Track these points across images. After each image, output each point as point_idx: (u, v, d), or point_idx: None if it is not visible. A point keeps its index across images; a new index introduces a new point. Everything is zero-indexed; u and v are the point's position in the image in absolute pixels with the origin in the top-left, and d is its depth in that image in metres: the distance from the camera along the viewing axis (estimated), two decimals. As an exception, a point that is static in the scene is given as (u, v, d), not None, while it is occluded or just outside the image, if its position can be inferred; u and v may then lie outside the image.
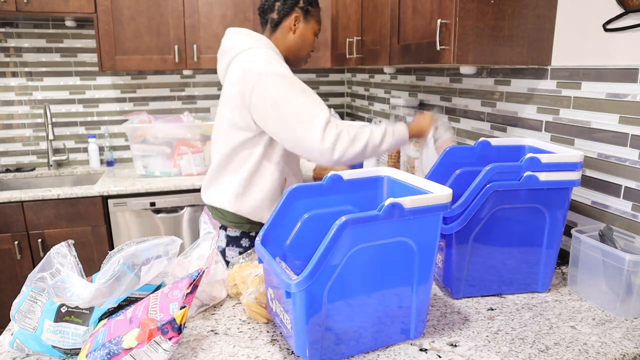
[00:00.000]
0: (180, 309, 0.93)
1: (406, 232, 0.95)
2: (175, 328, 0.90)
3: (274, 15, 1.55)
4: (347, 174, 1.14)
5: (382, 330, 1.00)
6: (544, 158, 1.17)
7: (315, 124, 1.35)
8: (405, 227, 0.94)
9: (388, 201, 0.90)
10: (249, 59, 1.43)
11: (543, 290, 1.27)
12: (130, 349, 0.88)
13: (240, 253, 1.57)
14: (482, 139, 1.41)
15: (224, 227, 1.58)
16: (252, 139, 1.47)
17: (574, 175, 1.19)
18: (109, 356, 0.87)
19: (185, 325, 0.94)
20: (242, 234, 1.57)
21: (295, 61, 1.61)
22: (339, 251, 0.88)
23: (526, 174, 1.16)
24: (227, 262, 1.55)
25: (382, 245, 0.93)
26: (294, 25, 1.55)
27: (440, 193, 0.97)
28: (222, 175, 1.54)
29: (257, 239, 1.03)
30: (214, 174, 1.57)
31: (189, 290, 0.96)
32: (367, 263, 0.93)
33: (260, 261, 1.03)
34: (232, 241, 1.57)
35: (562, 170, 1.18)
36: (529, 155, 1.17)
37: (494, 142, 1.41)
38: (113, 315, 0.98)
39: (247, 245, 1.58)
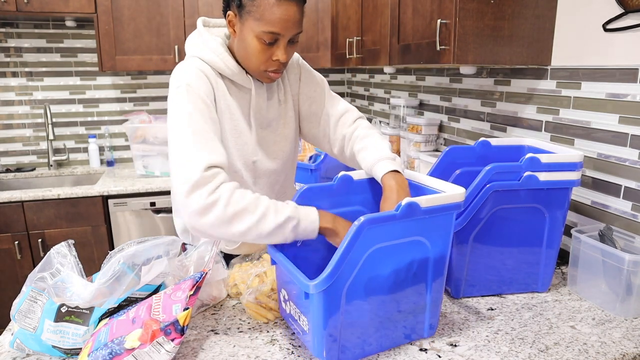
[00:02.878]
0: (184, 310, 0.93)
1: (422, 231, 0.96)
2: (178, 329, 0.90)
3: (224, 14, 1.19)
4: (357, 175, 1.15)
5: (397, 329, 1.01)
6: (544, 158, 1.17)
7: (179, 177, 1.00)
8: (421, 226, 0.95)
9: (405, 200, 0.91)
10: (171, 79, 1.15)
11: (543, 290, 1.27)
12: (133, 349, 0.88)
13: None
14: (482, 139, 1.41)
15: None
16: None
17: (574, 175, 1.19)
18: (110, 356, 0.87)
19: (188, 326, 0.94)
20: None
21: (251, 72, 1.20)
22: (357, 251, 0.88)
23: (526, 174, 1.16)
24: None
25: (399, 244, 0.94)
26: (232, 27, 1.15)
27: (454, 192, 0.98)
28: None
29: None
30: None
31: (192, 292, 0.97)
32: (383, 263, 0.94)
33: (274, 262, 1.02)
34: None
35: (562, 170, 1.18)
36: (529, 155, 1.17)
37: (493, 142, 1.41)
38: (115, 315, 0.98)
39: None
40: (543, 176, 1.17)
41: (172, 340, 0.90)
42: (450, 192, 0.98)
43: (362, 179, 1.16)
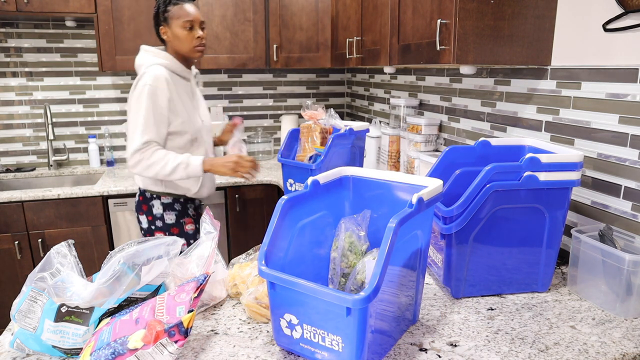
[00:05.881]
0: (188, 312, 0.93)
1: (421, 224, 0.97)
2: (182, 331, 0.90)
3: (157, 35, 1.96)
4: (322, 178, 1.11)
5: (399, 324, 1.03)
6: (544, 158, 1.17)
7: (130, 145, 1.79)
8: (421, 219, 0.97)
9: (415, 197, 0.94)
10: (143, 79, 1.83)
11: (543, 290, 1.27)
12: (136, 349, 0.88)
13: (175, 215, 1.99)
14: (482, 139, 1.41)
15: (157, 197, 1.97)
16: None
17: (574, 175, 1.19)
18: (113, 356, 0.87)
19: (191, 329, 0.93)
20: (174, 199, 1.99)
21: (187, 55, 1.91)
22: (394, 258, 0.90)
23: (526, 174, 1.16)
24: (167, 225, 1.99)
25: (408, 239, 0.99)
26: (166, 35, 1.89)
27: (438, 184, 0.99)
28: None
29: (261, 262, 0.93)
30: None
31: (195, 294, 0.97)
32: (399, 260, 0.98)
33: (272, 285, 0.93)
34: (167, 207, 1.99)
35: (562, 170, 1.18)
36: (529, 155, 1.17)
37: (493, 142, 1.41)
38: (118, 315, 0.98)
39: (179, 208, 2.00)
40: (543, 176, 1.17)
41: (176, 342, 0.90)
42: (435, 185, 1.02)
43: (326, 182, 1.12)
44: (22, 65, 2.88)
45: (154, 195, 1.97)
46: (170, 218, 1.99)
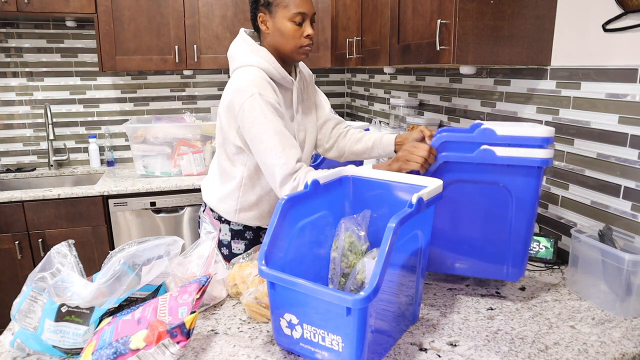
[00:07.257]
0: (190, 313, 0.93)
1: (421, 224, 1.01)
2: (184, 332, 0.90)
3: (252, 21, 1.51)
4: (323, 178, 1.11)
5: (399, 323, 1.04)
6: (500, 131, 1.08)
7: (276, 173, 1.34)
8: (421, 219, 0.96)
9: (415, 197, 0.95)
10: (238, 85, 1.38)
11: (511, 280, 1.21)
12: (138, 349, 0.88)
13: (245, 245, 1.62)
14: (484, 126, 1.21)
15: (227, 222, 1.60)
16: (246, 154, 1.48)
17: (541, 153, 1.08)
18: (115, 355, 0.87)
19: (193, 330, 0.93)
20: (245, 227, 1.61)
21: (288, 56, 1.46)
22: (394, 257, 0.90)
23: (482, 147, 1.09)
24: (234, 255, 1.60)
25: (406, 240, 0.99)
26: (265, 25, 1.44)
27: (437, 184, 1.01)
28: (222, 183, 1.58)
29: (261, 261, 0.94)
30: (214, 177, 1.62)
31: (198, 296, 0.97)
32: (398, 260, 0.98)
33: (272, 285, 0.94)
34: (236, 234, 1.62)
35: (524, 146, 1.09)
36: (484, 126, 1.11)
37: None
38: (119, 315, 0.98)
39: (251, 237, 1.63)
40: (501, 151, 1.09)
41: (178, 342, 0.90)
42: (435, 184, 1.02)
43: (326, 182, 1.12)
44: (22, 66, 2.88)
45: (223, 219, 1.60)
46: (238, 247, 1.63)
